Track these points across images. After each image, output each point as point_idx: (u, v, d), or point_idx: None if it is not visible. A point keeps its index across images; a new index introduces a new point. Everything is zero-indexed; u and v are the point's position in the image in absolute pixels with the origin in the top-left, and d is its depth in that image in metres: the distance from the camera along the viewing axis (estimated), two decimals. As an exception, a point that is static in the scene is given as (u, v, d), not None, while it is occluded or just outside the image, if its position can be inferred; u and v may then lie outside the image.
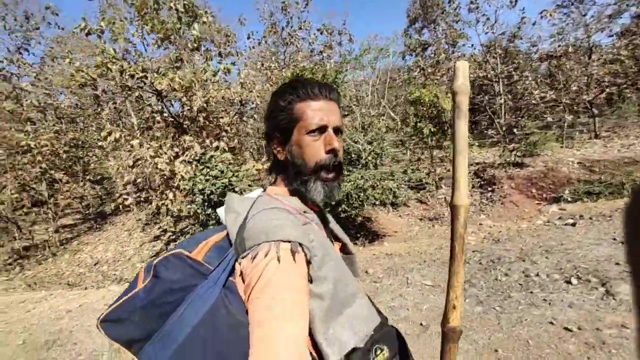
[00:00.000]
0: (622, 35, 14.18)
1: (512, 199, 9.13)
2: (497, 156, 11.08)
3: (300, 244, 0.60)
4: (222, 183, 4.02)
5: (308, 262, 0.61)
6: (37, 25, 12.26)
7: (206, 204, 4.18)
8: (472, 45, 12.47)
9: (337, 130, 0.72)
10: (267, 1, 11.48)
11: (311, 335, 0.60)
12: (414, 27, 19.70)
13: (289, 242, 0.59)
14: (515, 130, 10.26)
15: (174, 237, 9.26)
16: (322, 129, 0.70)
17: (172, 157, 7.61)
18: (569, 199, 8.49)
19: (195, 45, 8.57)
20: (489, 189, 10.01)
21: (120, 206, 8.81)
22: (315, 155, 0.70)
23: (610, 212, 5.38)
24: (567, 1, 13.56)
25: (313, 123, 0.69)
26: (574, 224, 5.19)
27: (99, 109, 10.36)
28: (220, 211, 0.88)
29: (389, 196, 6.39)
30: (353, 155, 8.01)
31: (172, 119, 8.87)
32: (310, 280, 0.61)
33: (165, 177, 7.02)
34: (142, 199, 9.59)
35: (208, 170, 4.42)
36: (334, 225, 0.83)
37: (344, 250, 0.85)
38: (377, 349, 0.65)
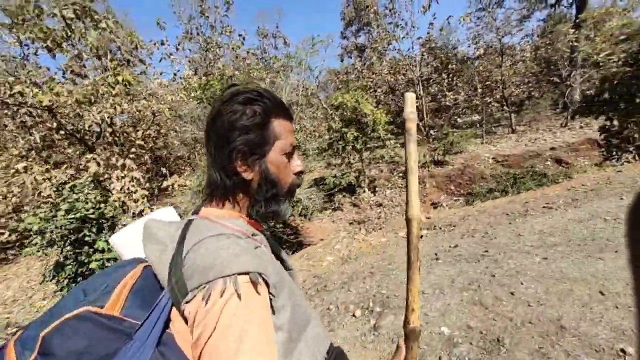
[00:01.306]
0: (540, 36, 15.77)
1: (432, 197, 9.64)
2: (421, 156, 11.66)
3: (260, 274, 0.52)
4: (80, 216, 3.57)
5: (269, 293, 0.54)
6: None
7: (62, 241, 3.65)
8: (397, 49, 12.94)
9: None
10: (186, 4, 10.97)
11: None
12: (350, 30, 20.16)
13: (247, 273, 0.51)
14: (431, 131, 10.84)
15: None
16: (292, 151, 0.68)
17: (65, 180, 6.88)
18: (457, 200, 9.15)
19: (94, 53, 7.85)
20: (414, 188, 10.49)
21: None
22: (288, 176, 0.67)
23: (463, 218, 5.49)
24: (481, 6, 14.72)
25: (289, 144, 0.66)
26: (420, 237, 5.25)
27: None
28: (122, 240, 0.75)
29: (298, 207, 6.34)
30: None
31: (74, 137, 8.05)
32: (273, 311, 0.55)
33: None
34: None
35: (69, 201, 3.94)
36: (273, 242, 0.74)
37: (283, 266, 0.72)
38: None
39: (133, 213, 6.11)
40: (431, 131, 11.04)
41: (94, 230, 3.66)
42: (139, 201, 7.46)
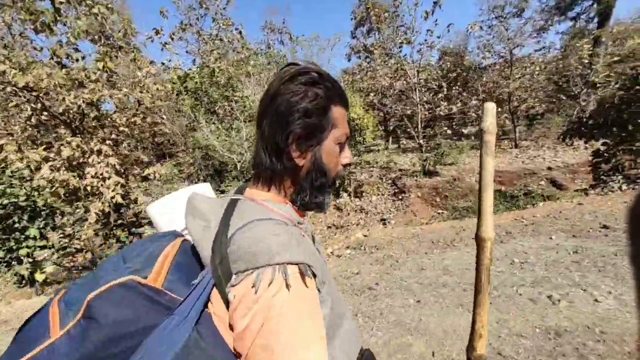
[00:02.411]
0: (562, 50, 15.03)
1: (414, 208, 9.38)
2: (413, 164, 11.37)
3: (309, 266, 0.51)
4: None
5: (316, 285, 0.52)
6: None
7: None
8: (400, 55, 12.63)
9: None
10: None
11: None
12: (361, 30, 19.82)
13: (297, 264, 0.49)
14: (421, 141, 10.54)
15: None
16: (345, 141, 0.65)
17: (39, 162, 7.02)
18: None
19: (85, 38, 7.95)
20: (400, 197, 10.24)
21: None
22: (337, 166, 0.64)
23: (391, 241, 5.20)
24: (492, 15, 14.16)
25: (344, 134, 0.63)
26: (343, 256, 5.09)
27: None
28: (159, 209, 0.74)
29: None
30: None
31: (58, 119, 8.20)
32: None
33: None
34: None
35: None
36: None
37: None
38: None
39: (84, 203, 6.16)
40: (421, 141, 10.73)
41: (25, 217, 3.67)
42: (111, 187, 7.56)
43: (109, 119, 8.51)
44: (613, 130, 6.52)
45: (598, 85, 6.59)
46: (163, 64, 9.04)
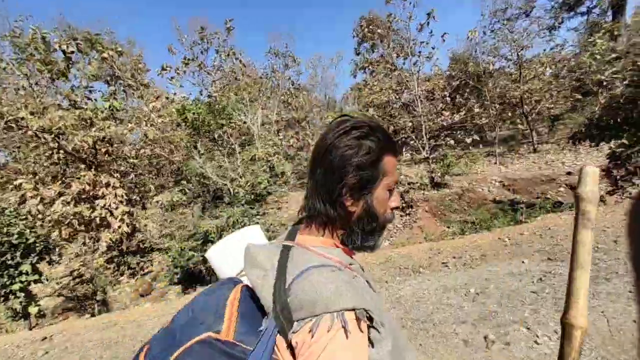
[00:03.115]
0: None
1: (422, 224, 9.02)
2: (420, 177, 11.03)
3: (366, 310, 0.54)
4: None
5: (374, 327, 0.56)
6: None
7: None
8: (394, 66, 12.61)
9: None
10: (190, 32, 11.71)
11: None
12: (364, 46, 20.05)
13: (353, 310, 0.52)
14: (425, 153, 10.25)
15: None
16: (394, 187, 0.69)
17: (53, 198, 7.52)
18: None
19: (94, 80, 8.61)
20: (407, 212, 9.92)
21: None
22: (386, 211, 0.68)
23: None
24: (494, 20, 13.85)
25: (393, 181, 0.67)
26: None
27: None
28: (219, 255, 0.81)
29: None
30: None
31: (73, 155, 8.81)
32: (372, 345, 0.56)
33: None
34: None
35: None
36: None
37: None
38: None
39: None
40: (425, 153, 10.44)
41: (18, 254, 3.92)
42: (119, 217, 7.92)
43: (120, 152, 9.05)
44: (624, 130, 6.03)
45: (604, 82, 6.14)
46: (167, 98, 9.62)
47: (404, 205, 10.39)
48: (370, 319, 0.54)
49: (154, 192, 8.27)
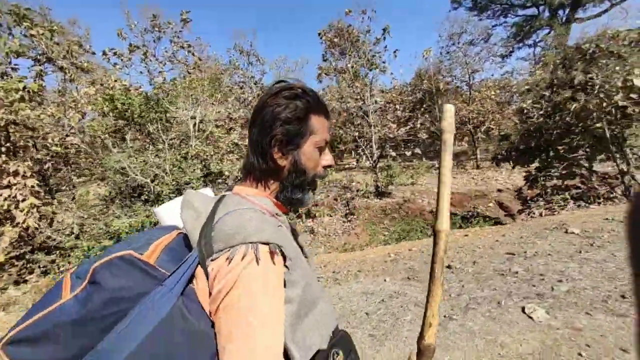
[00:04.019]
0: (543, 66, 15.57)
1: (358, 231, 9.18)
2: (366, 184, 11.27)
3: (279, 246, 0.58)
4: None
5: (284, 266, 0.59)
6: None
7: None
8: (355, 76, 12.86)
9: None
10: (140, 19, 11.03)
11: None
12: (331, 51, 20.27)
13: (268, 243, 0.57)
14: (371, 162, 10.50)
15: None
16: (325, 146, 0.73)
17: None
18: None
19: (14, 57, 7.86)
20: (349, 218, 10.06)
21: None
22: (317, 168, 0.72)
23: None
24: (449, 42, 14.64)
25: (323, 139, 0.71)
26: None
27: None
28: (164, 210, 0.86)
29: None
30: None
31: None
32: (284, 284, 0.58)
33: None
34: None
35: None
36: (293, 228, 0.79)
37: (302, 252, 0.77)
38: (335, 353, 0.64)
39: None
40: (371, 162, 10.69)
41: None
42: (26, 210, 7.19)
43: (38, 139, 8.25)
44: (536, 155, 6.54)
45: (525, 110, 6.64)
46: (102, 84, 8.89)
47: (347, 211, 10.54)
48: (284, 257, 0.58)
49: (73, 184, 7.60)
